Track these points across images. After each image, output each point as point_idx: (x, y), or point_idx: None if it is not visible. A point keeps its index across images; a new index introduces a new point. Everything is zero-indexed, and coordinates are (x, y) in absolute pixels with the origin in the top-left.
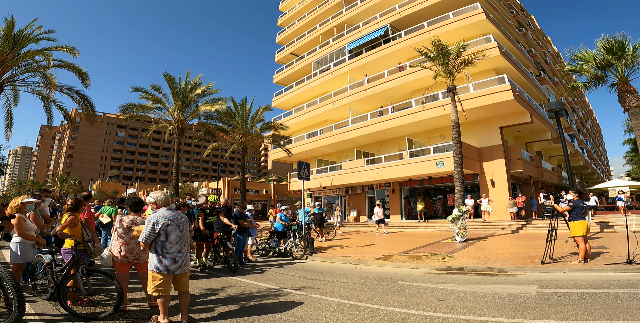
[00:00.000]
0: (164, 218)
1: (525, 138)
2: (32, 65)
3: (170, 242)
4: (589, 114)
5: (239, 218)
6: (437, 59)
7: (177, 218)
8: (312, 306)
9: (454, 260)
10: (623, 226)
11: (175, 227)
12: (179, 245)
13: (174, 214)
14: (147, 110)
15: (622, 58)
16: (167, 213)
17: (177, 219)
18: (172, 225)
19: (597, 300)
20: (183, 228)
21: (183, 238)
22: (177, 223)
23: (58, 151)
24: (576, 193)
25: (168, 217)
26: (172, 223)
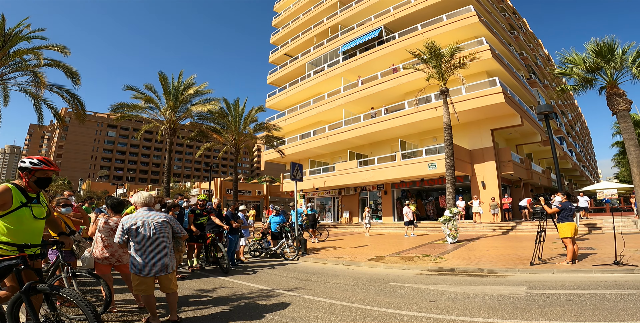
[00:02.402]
0: (134, 219)
1: (515, 140)
2: (22, 63)
3: (141, 243)
4: (578, 117)
5: (230, 219)
6: (430, 61)
7: (152, 219)
8: (304, 307)
9: (445, 262)
10: (611, 228)
11: (145, 228)
12: (151, 247)
13: (148, 215)
14: (139, 110)
15: (611, 61)
16: (141, 214)
17: (151, 220)
18: (142, 226)
19: (584, 300)
20: (157, 230)
21: (157, 240)
22: (150, 225)
23: (47, 150)
24: (565, 196)
25: (139, 218)
26: (141, 224)
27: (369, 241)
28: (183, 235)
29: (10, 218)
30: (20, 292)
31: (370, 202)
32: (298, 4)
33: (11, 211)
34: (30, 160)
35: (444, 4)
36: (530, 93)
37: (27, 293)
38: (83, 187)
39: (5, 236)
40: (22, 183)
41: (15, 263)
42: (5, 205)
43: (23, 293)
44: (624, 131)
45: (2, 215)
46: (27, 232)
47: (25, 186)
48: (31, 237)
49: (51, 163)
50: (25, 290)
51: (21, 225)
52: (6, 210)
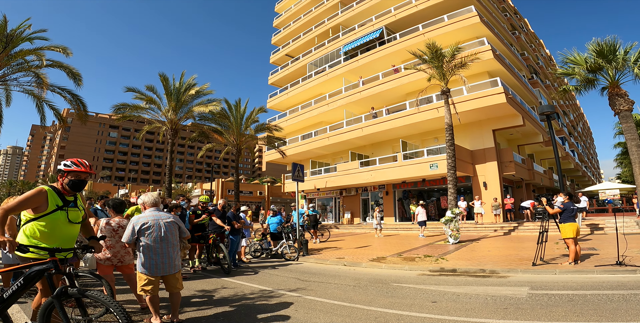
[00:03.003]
0: (145, 219)
1: (517, 141)
2: (24, 64)
3: (152, 242)
4: (580, 117)
5: (232, 220)
6: (431, 61)
7: (162, 219)
8: (306, 307)
9: (447, 262)
10: (613, 228)
11: (156, 228)
12: (161, 246)
13: (157, 215)
14: (141, 111)
15: (613, 61)
16: (150, 214)
17: (161, 220)
18: (153, 226)
19: (587, 301)
20: (167, 229)
21: (167, 240)
22: (160, 224)
23: (49, 151)
24: (567, 196)
25: (149, 217)
26: (152, 224)
27: (371, 241)
28: (186, 235)
29: (45, 222)
30: (52, 297)
31: (372, 203)
32: (299, 4)
33: (46, 214)
34: (64, 162)
35: (445, 4)
36: (532, 93)
37: (59, 298)
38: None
39: (38, 239)
40: (58, 185)
41: (47, 268)
42: (40, 207)
43: (55, 298)
44: (626, 131)
45: (37, 218)
46: (61, 236)
47: (61, 188)
48: (65, 241)
49: (84, 165)
50: (58, 294)
51: (55, 229)
52: (41, 212)
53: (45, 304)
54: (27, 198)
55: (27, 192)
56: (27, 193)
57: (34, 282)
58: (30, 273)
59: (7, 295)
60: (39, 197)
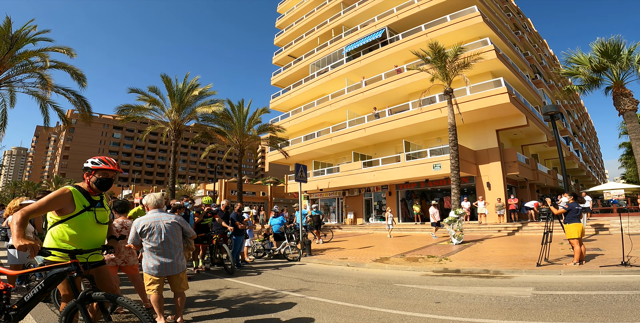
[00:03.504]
0: (145, 220)
1: (521, 141)
2: (28, 66)
3: (152, 244)
4: (585, 117)
5: (235, 220)
6: (434, 61)
7: (162, 220)
8: (309, 308)
9: (451, 263)
10: (618, 228)
11: (156, 230)
12: (162, 248)
13: (158, 217)
14: (144, 112)
15: (617, 61)
16: (151, 216)
17: (162, 222)
18: (153, 227)
19: (592, 302)
20: (167, 231)
21: (168, 241)
22: (161, 226)
23: (53, 152)
24: (571, 196)
25: (150, 219)
26: (152, 226)
27: (374, 242)
28: (192, 235)
29: (73, 223)
30: (75, 301)
31: (374, 203)
32: (301, 5)
33: (73, 216)
34: (91, 159)
35: (448, 4)
36: (536, 93)
37: (83, 302)
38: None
39: (66, 242)
40: (84, 185)
41: (67, 270)
42: (66, 209)
43: (79, 302)
44: (631, 131)
45: (64, 220)
46: (89, 238)
47: (87, 188)
48: (94, 244)
49: (111, 162)
50: (81, 298)
51: (84, 231)
52: (67, 214)
53: (67, 308)
54: (50, 199)
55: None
56: (50, 195)
57: (54, 285)
58: (50, 276)
59: (28, 298)
60: (63, 198)
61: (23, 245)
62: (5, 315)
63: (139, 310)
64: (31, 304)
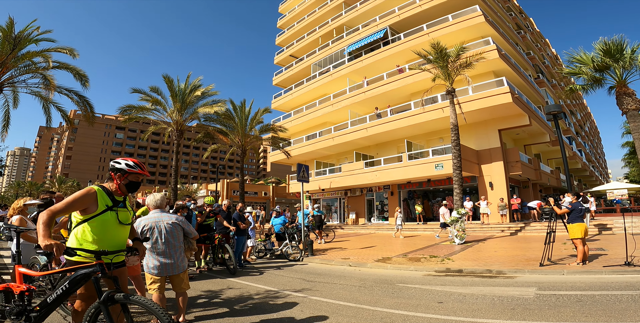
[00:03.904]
0: (145, 221)
1: (523, 141)
2: (31, 66)
3: (153, 244)
4: (587, 117)
5: (237, 220)
6: (436, 61)
7: (163, 221)
8: (312, 308)
9: (453, 263)
10: (621, 228)
11: (156, 230)
12: (162, 248)
13: (159, 217)
14: (146, 112)
15: (620, 60)
16: (152, 216)
17: (162, 222)
18: (153, 228)
19: (595, 302)
20: (168, 231)
21: (168, 241)
22: (161, 227)
23: (56, 152)
24: (575, 196)
25: (150, 220)
26: (152, 226)
27: (376, 242)
28: (194, 235)
29: (95, 223)
30: (99, 302)
31: (376, 203)
32: (303, 5)
33: (95, 215)
34: (126, 162)
35: (450, 4)
36: (538, 93)
37: (106, 304)
38: None
39: (89, 242)
40: (112, 185)
41: (93, 271)
42: (89, 208)
43: (102, 304)
44: (634, 131)
45: (86, 220)
46: (111, 239)
47: (116, 189)
48: (116, 244)
49: (144, 167)
50: (105, 300)
51: (106, 231)
52: (90, 214)
53: (90, 309)
54: (75, 199)
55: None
56: (75, 194)
57: (79, 286)
58: (75, 277)
59: (52, 299)
60: (88, 197)
61: (49, 245)
62: (26, 316)
63: (159, 311)
64: (54, 305)
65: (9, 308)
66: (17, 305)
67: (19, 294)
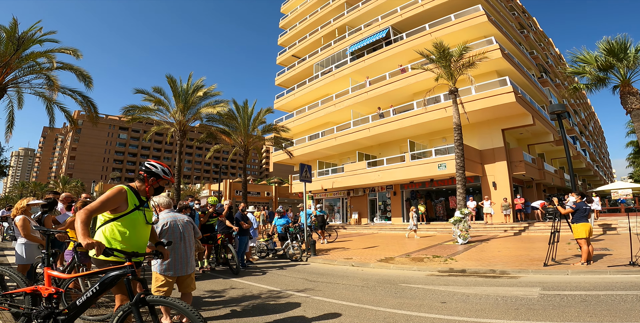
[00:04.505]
0: (164, 220)
1: (527, 140)
2: (35, 67)
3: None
4: (591, 116)
5: (240, 221)
6: (438, 61)
7: (179, 219)
8: (314, 308)
9: (456, 263)
10: (626, 228)
11: (175, 228)
12: (180, 247)
13: (174, 216)
14: (149, 112)
15: (624, 60)
16: (168, 215)
17: (178, 220)
18: (172, 226)
19: (600, 302)
20: (184, 230)
21: (185, 239)
22: (178, 225)
23: (60, 153)
24: (579, 196)
25: (168, 219)
26: (172, 224)
27: (379, 242)
28: (198, 235)
29: (125, 222)
30: (130, 304)
31: (379, 203)
32: (305, 5)
33: (125, 214)
34: (162, 168)
35: (452, 3)
36: (542, 92)
37: (137, 305)
38: (96, 188)
39: (118, 242)
40: (140, 186)
41: (124, 273)
42: (120, 207)
43: (134, 306)
44: (638, 130)
45: (116, 218)
46: (139, 238)
47: (145, 190)
48: (142, 244)
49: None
50: (136, 301)
51: (134, 230)
52: (120, 212)
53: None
54: (108, 198)
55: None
56: (107, 193)
57: (109, 288)
58: (106, 279)
59: (81, 301)
60: (120, 196)
61: (90, 244)
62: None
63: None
64: (83, 308)
65: (36, 311)
66: (46, 308)
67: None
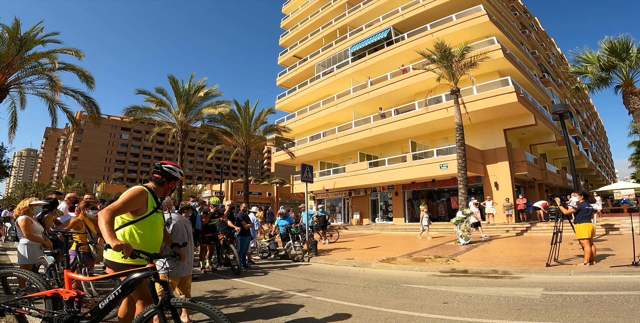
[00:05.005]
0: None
1: (529, 140)
2: (37, 67)
3: None
4: (594, 116)
5: (241, 221)
6: (440, 61)
7: (182, 219)
8: (316, 308)
9: (458, 263)
10: (629, 228)
11: (181, 228)
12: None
13: (179, 216)
14: (151, 113)
15: (626, 60)
16: (174, 215)
17: (182, 221)
18: (180, 228)
19: (603, 302)
20: (187, 231)
21: (190, 240)
22: (183, 225)
23: (63, 153)
24: (581, 196)
25: (174, 219)
26: (180, 225)
27: (380, 242)
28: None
29: (144, 224)
30: (155, 307)
31: (381, 204)
32: (306, 5)
33: (146, 216)
34: (180, 170)
35: (453, 3)
36: (544, 92)
37: (162, 308)
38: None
39: (137, 245)
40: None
41: (146, 275)
42: (141, 209)
43: (158, 309)
44: None
45: (136, 221)
46: (157, 240)
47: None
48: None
49: None
50: (161, 304)
51: (153, 232)
52: (141, 215)
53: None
54: (131, 198)
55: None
56: (129, 193)
57: (131, 291)
58: (128, 281)
59: (104, 305)
60: (142, 197)
61: (119, 245)
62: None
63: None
64: (105, 311)
65: (57, 315)
66: (68, 312)
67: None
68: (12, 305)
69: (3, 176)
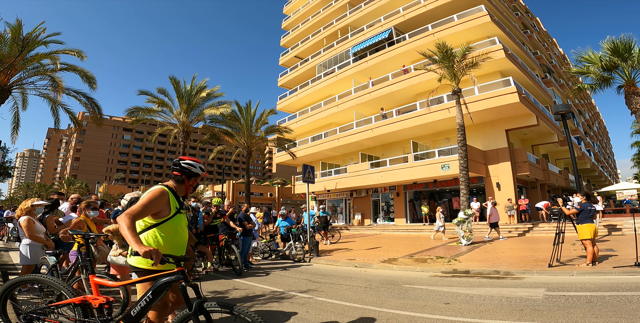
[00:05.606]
0: None
1: (531, 141)
2: (40, 68)
3: None
4: (596, 116)
5: (243, 221)
6: (441, 61)
7: None
8: (317, 309)
9: (460, 263)
10: (631, 229)
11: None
12: None
13: None
14: (153, 114)
15: (629, 60)
16: None
17: None
18: None
19: (605, 303)
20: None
21: None
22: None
23: (65, 154)
24: (584, 196)
25: None
26: None
27: (382, 243)
28: None
29: (168, 226)
30: (189, 313)
31: (382, 204)
32: (307, 6)
33: (169, 218)
34: (200, 165)
35: (455, 4)
36: (546, 92)
37: (197, 314)
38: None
39: (165, 249)
40: (180, 187)
41: (176, 279)
42: (163, 211)
43: (193, 315)
44: None
45: (159, 224)
46: (182, 243)
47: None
48: (184, 248)
49: None
50: (196, 310)
51: (177, 234)
52: (163, 217)
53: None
54: (151, 200)
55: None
56: (149, 195)
57: (161, 296)
58: (158, 286)
59: (136, 311)
60: (163, 199)
61: (148, 251)
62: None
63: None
64: (138, 318)
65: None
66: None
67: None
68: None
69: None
